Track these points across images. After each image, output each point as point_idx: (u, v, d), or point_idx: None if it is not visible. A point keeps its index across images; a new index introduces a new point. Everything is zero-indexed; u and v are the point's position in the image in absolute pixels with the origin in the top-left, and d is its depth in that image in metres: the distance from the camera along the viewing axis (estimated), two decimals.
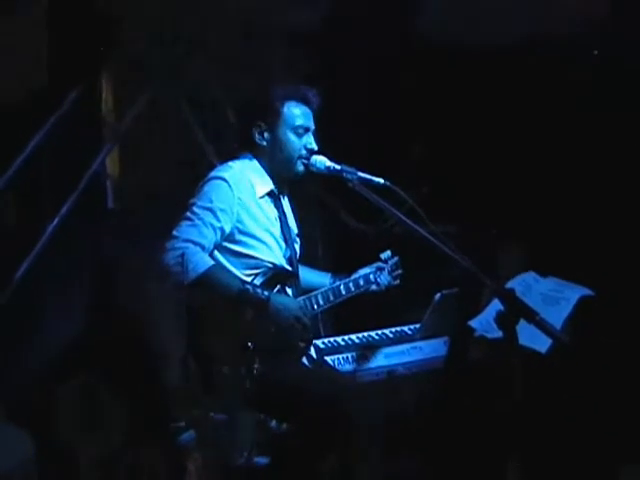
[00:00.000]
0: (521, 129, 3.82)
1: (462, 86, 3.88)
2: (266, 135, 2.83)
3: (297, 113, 2.82)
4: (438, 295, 3.20)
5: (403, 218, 2.44)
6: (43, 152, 3.41)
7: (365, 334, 3.32)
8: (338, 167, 2.75)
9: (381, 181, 2.66)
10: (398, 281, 3.11)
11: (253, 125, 2.83)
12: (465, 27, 3.65)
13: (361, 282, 3.01)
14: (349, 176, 2.69)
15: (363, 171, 2.71)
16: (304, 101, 2.85)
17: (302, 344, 2.74)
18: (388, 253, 3.11)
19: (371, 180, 2.67)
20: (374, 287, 3.05)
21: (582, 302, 2.92)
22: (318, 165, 2.80)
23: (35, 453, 2.48)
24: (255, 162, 2.86)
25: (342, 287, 2.95)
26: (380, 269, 3.08)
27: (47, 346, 3.35)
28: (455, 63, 3.82)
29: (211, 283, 2.59)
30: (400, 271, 3.11)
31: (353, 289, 2.98)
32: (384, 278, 3.06)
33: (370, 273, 3.05)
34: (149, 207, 3.55)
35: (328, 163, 2.79)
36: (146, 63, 3.64)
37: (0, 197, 3.25)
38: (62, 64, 3.40)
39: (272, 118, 2.81)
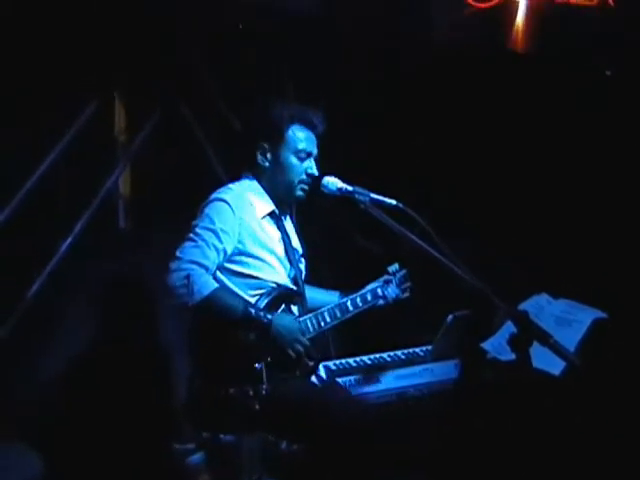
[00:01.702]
0: (532, 144, 3.82)
1: (471, 97, 3.89)
2: (269, 156, 2.84)
3: (301, 137, 2.83)
4: (450, 317, 3.17)
5: (414, 239, 2.43)
6: (56, 170, 3.42)
7: (377, 355, 3.29)
8: (350, 188, 2.74)
9: (393, 202, 2.65)
10: (407, 294, 3.07)
11: (256, 145, 2.84)
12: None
13: (369, 297, 2.99)
14: (361, 197, 2.68)
15: (375, 192, 2.71)
16: (309, 125, 2.85)
17: (310, 363, 2.73)
18: (396, 266, 3.08)
19: (383, 201, 2.66)
20: (381, 302, 3.02)
21: (595, 325, 2.90)
22: (330, 187, 2.79)
23: (42, 472, 2.47)
24: (256, 183, 2.87)
25: (349, 303, 2.93)
26: (387, 282, 3.05)
27: (58, 364, 3.34)
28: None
29: (215, 305, 2.60)
30: (409, 284, 3.08)
31: (360, 304, 2.96)
32: (392, 291, 3.04)
33: (377, 287, 3.03)
34: (160, 226, 3.55)
35: (340, 184, 2.78)
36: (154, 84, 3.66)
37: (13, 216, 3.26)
38: (77, 81, 3.42)
39: (276, 140, 2.82)
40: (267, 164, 2.85)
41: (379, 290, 3.02)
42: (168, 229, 3.40)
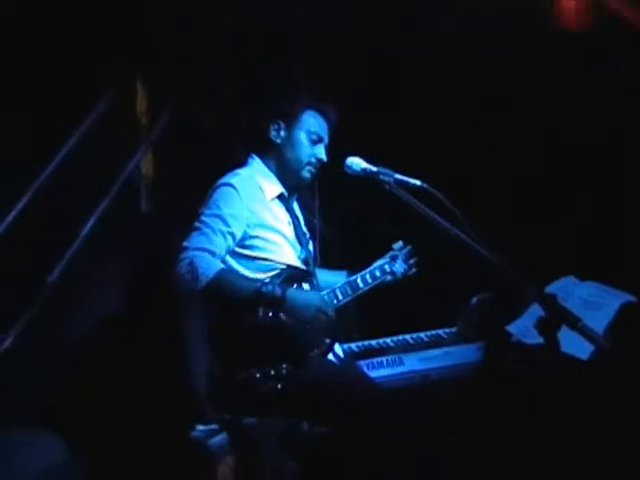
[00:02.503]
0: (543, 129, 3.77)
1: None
2: (282, 133, 2.87)
3: (315, 122, 2.89)
4: (474, 299, 3.15)
5: (440, 220, 2.40)
6: (78, 153, 3.41)
7: (400, 337, 3.29)
8: (374, 169, 2.72)
9: (418, 183, 2.62)
10: (414, 270, 3.11)
11: (271, 122, 2.86)
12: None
13: (377, 273, 3.02)
14: (385, 178, 2.65)
15: (399, 173, 2.68)
16: (324, 116, 2.92)
17: (327, 340, 2.72)
18: (400, 243, 3.13)
19: (408, 182, 2.63)
20: (389, 277, 3.04)
21: (624, 309, 2.85)
22: (354, 167, 2.77)
23: (70, 457, 2.48)
24: (262, 165, 2.87)
25: (359, 280, 2.95)
26: (394, 258, 3.08)
27: (80, 347, 3.36)
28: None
29: (224, 286, 2.58)
30: (415, 259, 3.11)
31: (370, 281, 2.98)
32: (399, 267, 3.08)
33: (385, 263, 3.06)
34: (182, 209, 3.53)
35: (364, 165, 2.76)
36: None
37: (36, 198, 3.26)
38: (100, 64, 3.41)
39: (291, 119, 2.87)
40: (279, 140, 2.88)
41: (386, 266, 3.05)
42: (190, 212, 3.40)
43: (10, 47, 3.20)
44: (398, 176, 2.65)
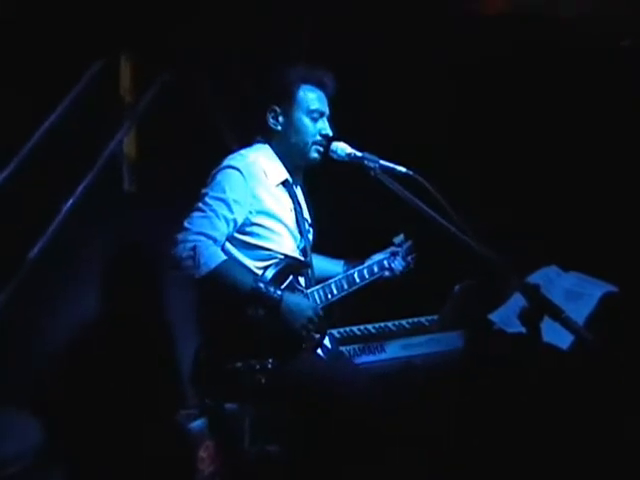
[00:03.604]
0: (538, 122, 3.76)
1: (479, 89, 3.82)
2: (281, 119, 2.78)
3: (312, 97, 2.78)
4: (457, 287, 3.16)
5: (425, 208, 2.39)
6: (59, 130, 3.36)
7: (381, 324, 3.29)
8: (359, 154, 2.70)
9: (403, 170, 2.60)
10: (412, 266, 3.06)
11: (267, 109, 2.77)
12: None
13: (375, 269, 2.97)
14: (370, 164, 2.63)
15: (385, 159, 2.66)
16: (320, 85, 2.80)
17: (317, 335, 2.70)
18: (401, 237, 3.07)
19: (393, 169, 2.61)
20: (387, 273, 3.00)
21: (605, 299, 2.86)
22: (339, 152, 2.75)
23: (45, 440, 2.45)
24: (269, 149, 2.80)
25: (356, 275, 2.91)
26: (394, 254, 3.03)
27: (59, 328, 3.32)
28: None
29: (223, 279, 2.54)
30: (414, 255, 3.07)
31: (367, 276, 2.94)
32: (398, 264, 3.03)
33: (384, 259, 3.01)
34: (166, 190, 3.50)
35: (349, 150, 2.74)
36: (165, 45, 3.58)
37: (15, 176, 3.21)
38: (82, 40, 3.35)
39: (287, 102, 2.77)
40: (279, 127, 2.79)
41: (385, 262, 3.00)
42: (173, 192, 3.36)
43: None
44: (383, 162, 2.64)
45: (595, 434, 2.87)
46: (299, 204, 2.87)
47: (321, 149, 2.79)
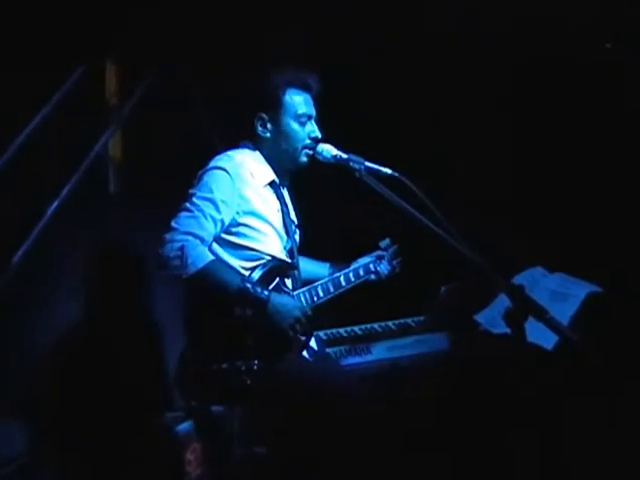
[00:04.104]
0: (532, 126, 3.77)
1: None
2: (269, 126, 2.77)
3: (299, 101, 2.76)
4: (443, 288, 3.16)
5: (410, 210, 2.39)
6: (44, 133, 3.35)
7: (368, 325, 3.30)
8: (345, 156, 2.70)
9: (389, 171, 2.61)
10: (398, 270, 3.06)
11: (255, 117, 2.77)
12: None
13: (361, 272, 2.97)
14: (356, 166, 2.63)
15: (371, 161, 2.66)
16: (305, 88, 2.78)
17: (303, 337, 2.70)
18: (387, 241, 3.07)
19: (379, 170, 2.62)
20: (373, 277, 3.00)
21: (590, 299, 2.88)
22: (324, 154, 2.75)
23: (28, 446, 2.44)
24: (257, 152, 2.80)
25: (342, 278, 2.90)
26: (380, 258, 3.03)
27: (44, 332, 3.30)
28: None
29: (210, 279, 2.54)
30: (399, 259, 3.07)
31: (353, 279, 2.93)
32: (384, 267, 3.03)
33: (370, 262, 3.01)
34: (151, 192, 3.49)
35: (335, 152, 2.74)
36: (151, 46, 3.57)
37: None
38: (67, 43, 3.34)
39: (274, 108, 2.75)
40: (268, 134, 2.78)
41: (371, 266, 3.01)
42: (159, 195, 3.36)
43: None
44: (369, 164, 2.64)
45: (579, 434, 2.89)
46: (286, 205, 2.86)
47: (310, 152, 2.79)
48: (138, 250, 3.39)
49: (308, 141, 2.77)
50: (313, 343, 2.82)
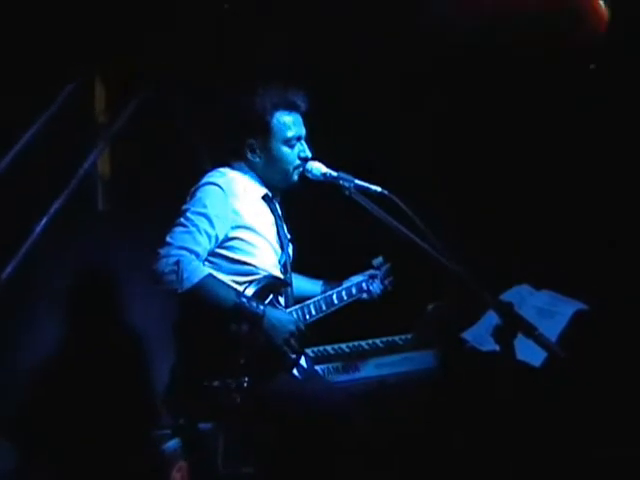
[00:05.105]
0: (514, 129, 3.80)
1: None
2: (259, 152, 2.77)
3: (288, 123, 2.76)
4: (431, 306, 3.17)
5: (399, 227, 2.41)
6: (33, 150, 3.35)
7: (355, 343, 3.29)
8: (335, 174, 2.71)
9: (378, 189, 2.63)
10: (390, 289, 3.06)
11: (244, 143, 2.77)
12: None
13: (353, 291, 2.97)
14: (345, 183, 2.65)
15: (360, 179, 2.68)
16: (293, 107, 2.77)
17: (293, 355, 2.69)
18: (380, 259, 3.06)
19: (368, 188, 2.63)
20: (365, 296, 3.00)
21: (577, 316, 2.90)
22: (314, 172, 2.76)
23: (17, 463, 2.42)
24: (248, 170, 2.80)
25: (334, 296, 2.91)
26: (372, 277, 3.03)
27: (32, 348, 3.28)
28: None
29: (205, 294, 2.54)
30: (391, 278, 3.07)
31: (345, 298, 2.94)
32: (376, 287, 3.03)
33: (362, 281, 3.01)
34: (140, 210, 3.49)
35: (324, 170, 2.75)
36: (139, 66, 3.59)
37: None
38: (56, 61, 3.35)
39: (262, 133, 2.75)
40: (258, 159, 2.78)
41: (364, 284, 3.01)
42: (147, 212, 3.36)
43: None
44: (358, 182, 2.65)
45: (567, 451, 2.89)
46: (280, 218, 2.87)
47: (301, 170, 2.79)
48: (126, 267, 3.38)
49: (298, 162, 2.78)
50: (303, 361, 2.82)
